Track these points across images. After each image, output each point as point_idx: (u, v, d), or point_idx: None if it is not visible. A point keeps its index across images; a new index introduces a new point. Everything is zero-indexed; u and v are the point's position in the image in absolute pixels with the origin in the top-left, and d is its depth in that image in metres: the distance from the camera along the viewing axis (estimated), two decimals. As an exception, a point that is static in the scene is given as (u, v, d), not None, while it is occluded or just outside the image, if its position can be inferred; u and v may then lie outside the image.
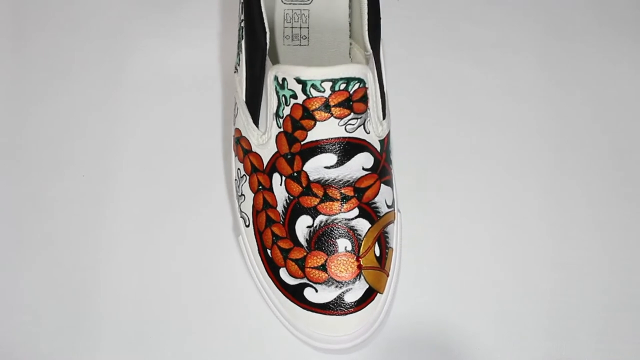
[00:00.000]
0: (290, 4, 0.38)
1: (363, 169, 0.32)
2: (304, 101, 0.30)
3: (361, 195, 0.32)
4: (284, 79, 0.30)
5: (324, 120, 0.30)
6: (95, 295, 0.35)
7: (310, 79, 0.30)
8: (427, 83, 0.42)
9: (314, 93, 0.30)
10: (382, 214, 0.33)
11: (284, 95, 0.31)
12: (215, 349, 0.34)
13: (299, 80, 0.30)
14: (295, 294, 0.32)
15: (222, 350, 0.34)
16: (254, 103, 0.33)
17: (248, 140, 0.33)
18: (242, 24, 0.33)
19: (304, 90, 0.30)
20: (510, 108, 0.42)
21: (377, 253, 0.32)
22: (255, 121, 0.33)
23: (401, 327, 0.35)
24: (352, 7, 0.37)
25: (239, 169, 0.35)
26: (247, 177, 0.34)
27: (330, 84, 0.30)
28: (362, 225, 0.32)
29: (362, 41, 0.33)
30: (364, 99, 0.31)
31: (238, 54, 0.35)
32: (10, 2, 0.43)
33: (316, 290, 0.31)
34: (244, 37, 0.33)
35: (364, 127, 0.32)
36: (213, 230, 0.37)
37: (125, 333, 0.34)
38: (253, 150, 0.33)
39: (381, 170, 0.33)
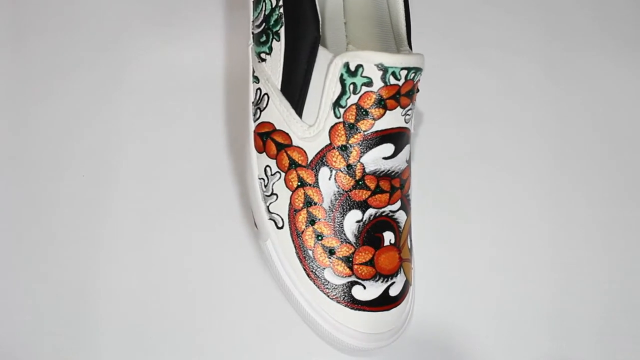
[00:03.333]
0: None
1: (406, 160, 0.32)
2: (379, 89, 0.29)
3: (403, 187, 0.32)
4: (359, 66, 0.29)
5: (393, 109, 0.30)
6: (95, 296, 0.35)
7: (392, 66, 0.29)
8: (426, 83, 0.42)
9: (392, 81, 0.29)
10: (412, 206, 0.33)
11: (352, 83, 0.29)
12: (219, 351, 0.34)
13: (380, 67, 0.29)
14: (341, 294, 0.31)
15: (225, 353, 0.34)
16: (294, 94, 0.31)
17: (287, 134, 0.32)
18: (280, 11, 0.32)
19: (383, 78, 0.29)
20: (510, 108, 0.42)
21: (409, 245, 0.33)
22: (298, 113, 0.31)
23: (401, 327, 0.35)
24: (347, 7, 0.37)
25: (268, 166, 0.32)
26: (282, 174, 0.32)
27: (406, 72, 0.29)
28: (402, 218, 0.32)
29: (400, 38, 0.33)
30: (418, 90, 0.31)
31: (265, 42, 0.33)
32: (10, 2, 0.43)
33: (364, 287, 0.31)
34: (283, 25, 0.32)
35: (412, 119, 0.32)
36: (215, 231, 0.37)
37: (125, 333, 0.34)
38: (294, 144, 0.31)
39: (410, 164, 0.33)
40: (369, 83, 0.29)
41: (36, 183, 0.38)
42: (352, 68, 0.29)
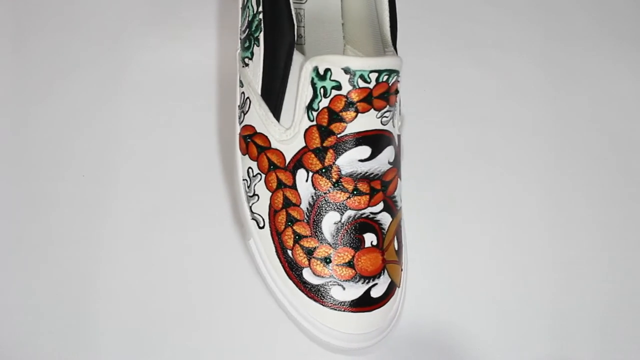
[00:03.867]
0: None
1: (388, 162, 0.32)
2: (348, 92, 0.29)
3: (386, 189, 0.32)
4: (327, 70, 0.29)
5: (365, 112, 0.30)
6: (95, 296, 0.35)
7: (360, 69, 0.29)
8: (426, 83, 0.42)
9: (361, 84, 0.29)
10: (399, 208, 0.33)
11: (323, 87, 0.30)
12: (219, 351, 0.34)
13: (347, 71, 0.29)
14: (320, 294, 0.31)
15: (225, 353, 0.34)
16: (272, 98, 0.32)
17: (266, 137, 0.32)
18: (260, 16, 0.32)
19: (350, 81, 0.29)
20: (510, 108, 0.42)
21: (396, 247, 0.32)
22: (276, 116, 0.32)
23: (401, 326, 0.35)
24: (345, 7, 0.37)
25: (250, 167, 0.33)
26: (263, 175, 0.33)
27: (376, 75, 0.29)
28: (386, 219, 0.32)
29: (384, 39, 0.33)
30: (397, 92, 0.31)
31: (248, 48, 0.34)
32: (10, 2, 0.43)
33: (344, 288, 0.31)
34: (262, 30, 0.32)
35: (393, 121, 0.32)
36: (215, 230, 0.37)
37: (125, 333, 0.34)
38: (272, 146, 0.32)
39: (398, 165, 0.33)
40: (338, 87, 0.29)
41: (36, 183, 0.38)
42: (321, 72, 0.29)
